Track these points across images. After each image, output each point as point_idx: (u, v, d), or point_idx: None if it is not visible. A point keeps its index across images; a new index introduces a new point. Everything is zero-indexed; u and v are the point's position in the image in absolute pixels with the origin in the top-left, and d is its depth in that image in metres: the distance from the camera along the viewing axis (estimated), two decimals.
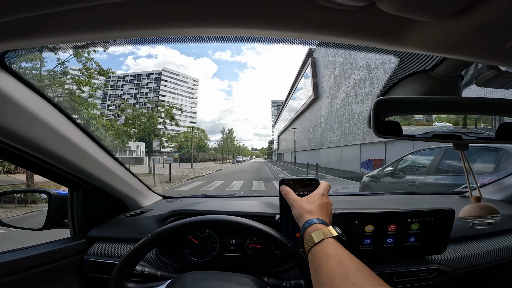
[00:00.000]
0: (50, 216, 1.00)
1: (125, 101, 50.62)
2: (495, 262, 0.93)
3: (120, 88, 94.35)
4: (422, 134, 0.66)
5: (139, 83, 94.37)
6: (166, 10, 0.34)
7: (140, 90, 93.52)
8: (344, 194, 1.87)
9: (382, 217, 0.82)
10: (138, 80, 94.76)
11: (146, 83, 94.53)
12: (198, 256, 0.99)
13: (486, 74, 0.57)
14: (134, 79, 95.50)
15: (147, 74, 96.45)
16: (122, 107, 22.76)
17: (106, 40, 0.42)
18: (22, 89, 0.62)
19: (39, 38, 0.39)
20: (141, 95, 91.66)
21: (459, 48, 0.39)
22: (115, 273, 0.69)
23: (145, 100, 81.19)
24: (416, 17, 0.32)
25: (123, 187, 1.05)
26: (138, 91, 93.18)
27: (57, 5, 0.32)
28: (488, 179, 1.38)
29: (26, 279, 0.80)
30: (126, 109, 21.46)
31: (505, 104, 0.62)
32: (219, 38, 0.48)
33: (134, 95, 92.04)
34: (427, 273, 0.86)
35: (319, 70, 29.67)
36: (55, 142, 0.71)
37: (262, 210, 1.02)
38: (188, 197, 1.45)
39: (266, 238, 0.71)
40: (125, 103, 30.76)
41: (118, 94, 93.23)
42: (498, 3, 0.29)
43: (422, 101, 0.66)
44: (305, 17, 0.35)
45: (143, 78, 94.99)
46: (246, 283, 0.69)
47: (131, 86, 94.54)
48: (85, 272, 0.95)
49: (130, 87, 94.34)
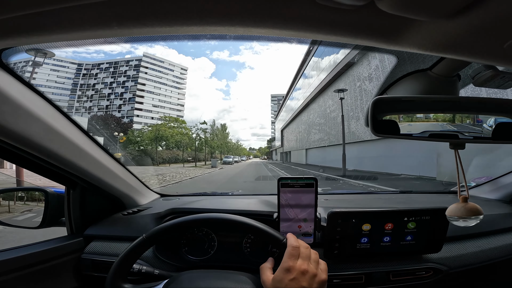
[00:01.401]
0: (47, 214, 1.00)
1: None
2: (491, 261, 0.94)
3: (93, 77, 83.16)
4: (419, 133, 0.66)
5: (116, 71, 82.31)
6: (164, 8, 0.34)
7: (117, 79, 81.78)
8: (342, 193, 1.88)
9: (379, 216, 0.82)
10: (115, 68, 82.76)
11: (124, 71, 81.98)
12: (196, 255, 0.99)
13: (484, 74, 0.58)
14: (111, 67, 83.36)
15: (126, 61, 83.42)
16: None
17: (104, 38, 0.41)
18: (19, 87, 0.61)
19: (37, 36, 0.39)
20: (118, 84, 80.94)
21: (457, 48, 0.39)
22: (112, 272, 0.69)
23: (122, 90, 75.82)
24: (414, 16, 0.32)
25: (120, 185, 1.05)
26: (114, 80, 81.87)
27: (55, 3, 0.31)
28: (484, 178, 1.39)
29: (22, 278, 0.79)
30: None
31: (501, 103, 0.62)
32: (217, 36, 0.48)
33: (110, 84, 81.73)
34: (423, 271, 0.86)
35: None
36: (52, 140, 0.71)
37: (260, 208, 1.02)
38: (186, 195, 1.45)
39: (263, 236, 0.71)
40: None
41: (91, 84, 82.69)
42: (496, 3, 0.29)
43: (420, 100, 0.66)
44: (304, 16, 0.35)
45: (121, 66, 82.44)
46: (244, 281, 0.69)
47: (106, 75, 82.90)
48: (82, 271, 0.94)
49: (105, 76, 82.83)
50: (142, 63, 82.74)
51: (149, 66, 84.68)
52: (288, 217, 0.83)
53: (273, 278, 0.61)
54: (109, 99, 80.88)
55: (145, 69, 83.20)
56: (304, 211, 0.83)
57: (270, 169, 22.14)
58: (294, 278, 0.58)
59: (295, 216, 0.83)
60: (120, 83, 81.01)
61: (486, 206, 1.20)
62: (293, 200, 0.82)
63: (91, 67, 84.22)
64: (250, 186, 10.52)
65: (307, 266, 0.61)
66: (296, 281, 0.58)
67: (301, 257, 0.62)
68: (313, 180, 0.81)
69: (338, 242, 0.83)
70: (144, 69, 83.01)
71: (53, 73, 79.17)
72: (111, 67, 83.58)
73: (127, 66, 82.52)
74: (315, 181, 0.82)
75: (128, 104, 79.11)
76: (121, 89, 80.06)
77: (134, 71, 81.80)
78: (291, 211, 0.83)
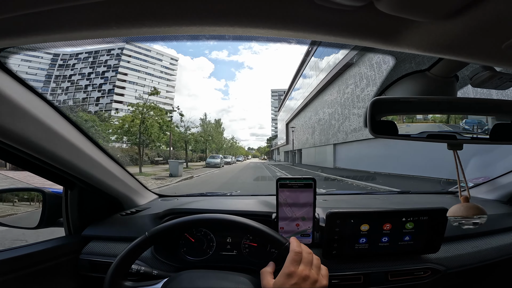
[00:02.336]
0: (44, 214, 0.99)
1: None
2: (488, 261, 0.94)
3: (70, 68, 76.29)
4: (417, 134, 0.66)
5: (96, 61, 75.53)
6: (163, 9, 0.34)
7: (96, 69, 74.56)
8: (340, 193, 1.88)
9: (378, 216, 0.83)
10: (94, 58, 75.96)
11: (104, 61, 74.95)
12: (194, 255, 0.99)
13: (481, 74, 0.58)
14: (90, 57, 76.29)
15: (107, 50, 75.65)
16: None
17: (102, 38, 0.41)
18: (17, 87, 0.61)
19: (34, 36, 0.38)
20: (97, 74, 73.53)
21: (455, 49, 0.40)
22: (111, 272, 0.68)
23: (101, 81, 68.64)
24: (412, 17, 0.32)
25: (118, 185, 1.04)
26: (93, 70, 74.55)
27: (53, 3, 0.31)
28: (481, 179, 1.40)
29: (20, 279, 0.79)
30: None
31: (499, 104, 0.62)
32: (216, 37, 0.47)
33: (88, 75, 74.38)
34: (421, 272, 0.87)
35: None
36: (49, 140, 0.71)
37: (258, 208, 1.02)
38: (185, 195, 1.44)
39: (262, 237, 0.71)
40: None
41: (67, 75, 75.92)
42: (494, 4, 0.29)
43: (418, 101, 0.66)
44: (303, 16, 0.35)
45: (102, 55, 75.48)
46: (242, 282, 0.69)
47: (84, 65, 76.02)
48: (80, 271, 0.94)
49: (83, 66, 76.04)
50: (124, 51, 75.87)
51: (132, 55, 77.84)
52: (286, 217, 0.83)
53: (274, 283, 0.61)
54: (86, 91, 74.15)
55: (127, 57, 76.53)
56: (303, 211, 0.83)
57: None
58: (295, 284, 0.58)
59: (294, 216, 0.83)
60: (100, 74, 74.51)
61: (484, 206, 1.20)
62: (292, 200, 0.82)
63: (68, 57, 78.37)
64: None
65: (309, 272, 0.61)
66: (297, 287, 0.58)
67: (303, 262, 0.62)
68: (312, 181, 0.82)
69: (336, 242, 0.83)
70: (127, 57, 76.47)
71: (24, 64, 72.55)
72: (90, 56, 77.12)
73: (108, 55, 75.93)
74: (314, 181, 0.82)
75: (107, 96, 72.47)
76: (100, 80, 73.42)
77: (115, 61, 75.42)
78: (290, 211, 0.83)
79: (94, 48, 76.10)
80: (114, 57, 75.88)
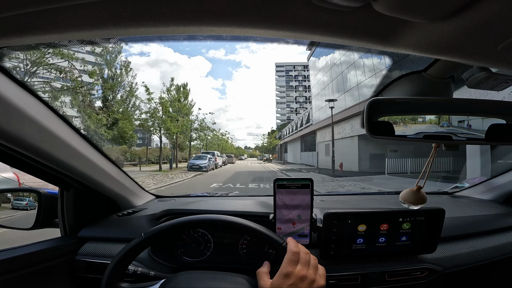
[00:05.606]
0: (40, 215, 0.98)
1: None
2: (484, 261, 0.95)
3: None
4: (414, 135, 0.67)
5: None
6: (160, 8, 0.34)
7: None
8: (338, 193, 1.89)
9: (375, 217, 0.83)
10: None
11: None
12: (191, 256, 0.99)
13: (477, 75, 0.58)
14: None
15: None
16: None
17: (99, 38, 0.41)
18: (12, 87, 0.60)
19: (31, 36, 0.38)
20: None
21: (451, 50, 0.40)
22: (108, 273, 0.68)
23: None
24: (409, 18, 0.32)
25: (115, 186, 1.04)
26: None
27: (49, 3, 0.31)
28: (477, 179, 1.41)
29: (15, 280, 0.78)
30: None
31: (494, 105, 0.63)
32: (213, 37, 0.48)
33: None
34: (419, 272, 0.87)
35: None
36: (45, 141, 0.70)
37: (256, 209, 1.02)
38: (182, 196, 1.44)
39: (260, 238, 0.71)
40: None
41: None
42: (490, 5, 0.30)
43: (414, 102, 0.67)
44: (300, 17, 0.35)
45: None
46: (240, 282, 0.69)
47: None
48: (76, 273, 0.93)
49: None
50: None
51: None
52: (283, 218, 0.83)
53: (271, 283, 0.61)
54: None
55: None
56: (300, 212, 0.83)
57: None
58: (292, 284, 0.58)
59: (291, 217, 0.83)
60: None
61: (480, 206, 1.21)
62: (289, 201, 0.82)
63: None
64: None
65: (306, 272, 0.61)
66: (295, 287, 0.58)
67: (301, 262, 0.62)
68: (309, 181, 0.82)
69: (334, 243, 0.83)
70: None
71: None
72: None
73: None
74: (311, 182, 0.82)
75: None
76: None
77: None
78: (287, 212, 0.83)
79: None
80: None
